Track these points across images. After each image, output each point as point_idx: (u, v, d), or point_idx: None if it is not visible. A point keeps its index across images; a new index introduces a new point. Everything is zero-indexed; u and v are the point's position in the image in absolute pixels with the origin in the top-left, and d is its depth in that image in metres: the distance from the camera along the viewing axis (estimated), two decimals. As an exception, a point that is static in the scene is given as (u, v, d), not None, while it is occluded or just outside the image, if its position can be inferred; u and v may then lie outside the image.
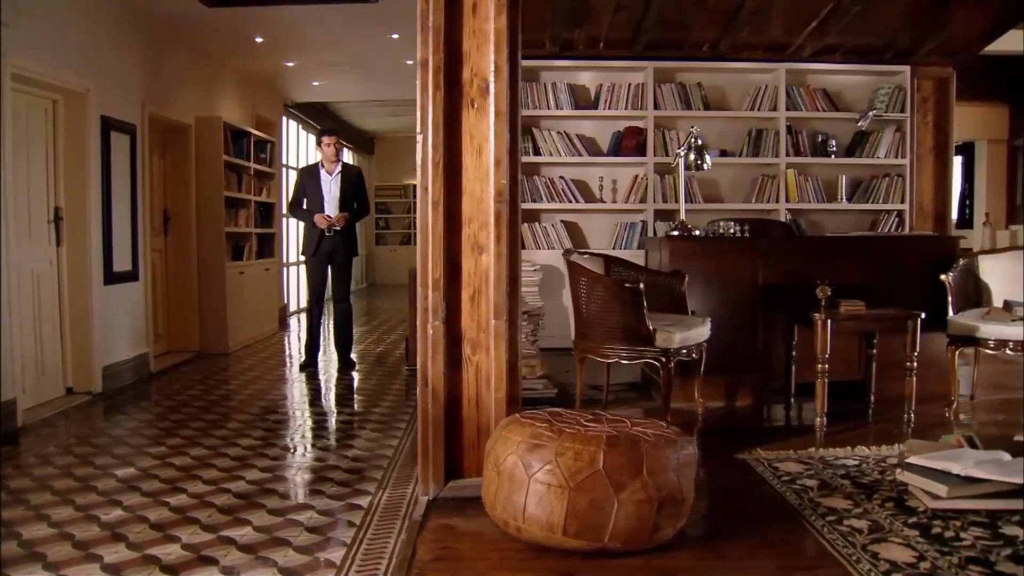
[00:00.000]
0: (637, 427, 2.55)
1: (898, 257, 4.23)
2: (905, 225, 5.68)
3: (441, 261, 2.70)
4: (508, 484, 2.38)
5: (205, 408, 4.69)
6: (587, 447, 2.32)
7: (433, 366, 2.72)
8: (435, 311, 2.71)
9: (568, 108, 5.60)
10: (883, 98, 5.67)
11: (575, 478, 2.29)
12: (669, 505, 2.35)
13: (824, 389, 3.53)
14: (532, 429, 2.43)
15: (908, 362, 3.60)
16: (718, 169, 5.81)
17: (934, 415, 3.88)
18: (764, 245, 4.10)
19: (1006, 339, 3.70)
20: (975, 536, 2.42)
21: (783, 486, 2.89)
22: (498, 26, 2.69)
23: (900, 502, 2.71)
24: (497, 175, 2.70)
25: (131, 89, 5.42)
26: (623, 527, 2.29)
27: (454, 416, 2.78)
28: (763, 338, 4.07)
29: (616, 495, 2.28)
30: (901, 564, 2.22)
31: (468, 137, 2.73)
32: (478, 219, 2.73)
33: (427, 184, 2.70)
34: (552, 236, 5.58)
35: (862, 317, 3.59)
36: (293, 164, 8.93)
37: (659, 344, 3.41)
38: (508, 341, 2.73)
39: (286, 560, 2.55)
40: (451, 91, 2.71)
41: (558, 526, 2.29)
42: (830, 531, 2.46)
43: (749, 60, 5.61)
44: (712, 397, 4.03)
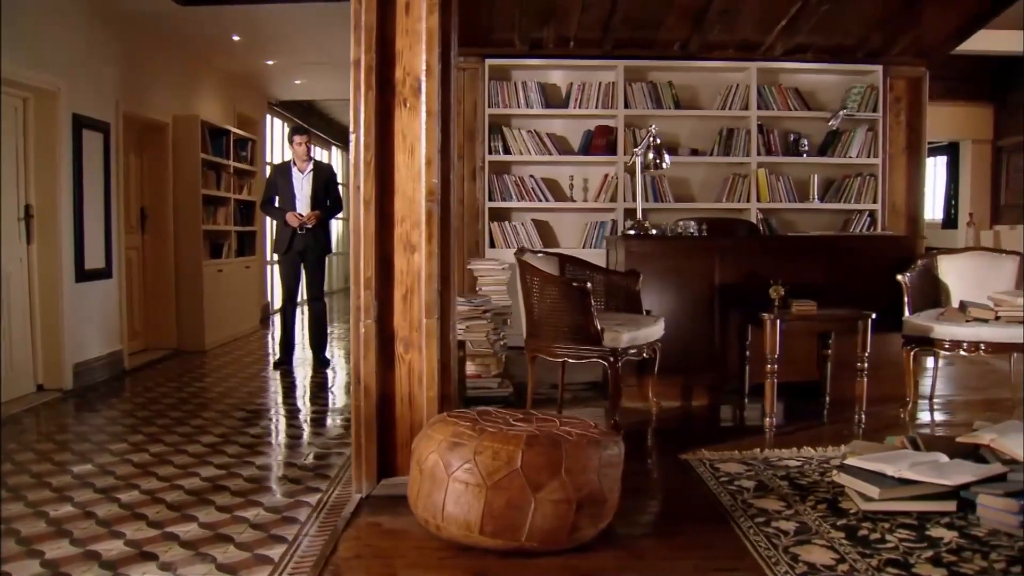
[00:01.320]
0: (564, 427, 2.55)
1: (858, 257, 4.21)
2: (877, 225, 5.65)
3: (373, 260, 2.71)
4: (429, 482, 2.39)
5: (173, 405, 4.71)
6: (506, 446, 2.32)
7: (365, 364, 2.73)
8: (367, 310, 2.72)
9: (538, 107, 5.59)
10: (855, 97, 5.64)
11: (492, 477, 2.29)
12: (589, 505, 2.35)
13: (773, 390, 3.52)
14: (454, 428, 2.44)
15: (859, 363, 3.58)
16: (689, 168, 5.80)
17: (889, 416, 3.86)
18: (721, 245, 4.09)
19: (960, 340, 3.68)
20: (900, 538, 2.41)
21: (720, 487, 2.88)
22: (430, 25, 2.69)
23: (834, 504, 2.70)
24: (428, 174, 2.71)
25: (105, 88, 5.44)
26: (540, 527, 2.29)
27: (388, 414, 2.79)
28: (719, 338, 4.06)
29: (534, 494, 2.28)
30: (820, 566, 2.21)
31: (401, 136, 2.73)
32: (410, 218, 2.73)
33: (359, 183, 2.71)
34: (522, 235, 5.58)
35: (813, 317, 3.58)
36: (278, 162, 8.95)
37: (607, 344, 3.41)
38: (440, 340, 2.74)
39: (225, 557, 2.56)
40: (384, 90, 2.72)
41: (475, 525, 2.29)
42: (756, 532, 2.46)
43: (720, 59, 5.59)
44: (668, 397, 4.03)
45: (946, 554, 2.29)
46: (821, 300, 3.89)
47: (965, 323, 3.71)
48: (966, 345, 3.69)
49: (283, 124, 9.09)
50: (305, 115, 9.54)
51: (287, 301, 5.77)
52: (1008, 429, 3.00)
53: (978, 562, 2.24)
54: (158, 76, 6.27)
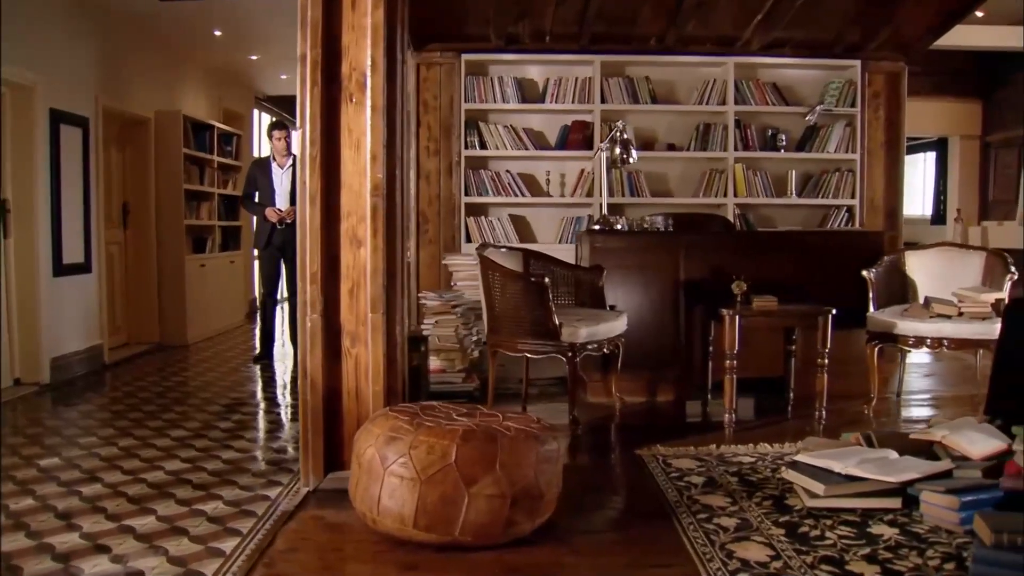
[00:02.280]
0: (506, 422, 2.55)
1: (826, 253, 4.20)
2: (855, 220, 5.62)
3: (319, 254, 2.72)
4: (366, 476, 2.40)
5: (147, 400, 4.74)
6: (441, 441, 2.33)
7: (311, 359, 2.75)
8: (313, 304, 2.73)
9: (515, 102, 5.58)
10: (833, 92, 5.61)
11: (427, 471, 2.29)
12: (525, 500, 2.35)
13: (732, 386, 3.51)
14: (393, 422, 2.44)
15: (819, 358, 3.57)
16: (667, 163, 5.78)
17: (853, 412, 3.85)
18: (686, 240, 4.08)
19: (923, 336, 3.67)
20: (840, 535, 2.40)
21: (668, 483, 2.88)
22: (375, 20, 2.69)
23: (780, 500, 2.69)
24: (373, 169, 2.71)
25: (83, 83, 5.46)
26: (474, 521, 2.29)
27: (335, 408, 2.80)
28: (685, 334, 4.05)
29: (467, 489, 2.29)
30: (753, 563, 2.21)
31: (347, 132, 2.74)
32: (356, 213, 2.74)
33: (305, 178, 2.72)
34: (498, 230, 5.58)
35: (773, 313, 3.56)
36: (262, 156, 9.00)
37: (565, 339, 3.41)
38: (386, 334, 2.75)
39: (178, 550, 2.58)
40: (330, 86, 2.72)
41: (409, 519, 2.30)
42: (695, 529, 2.46)
43: (697, 54, 5.56)
44: (633, 392, 4.02)
45: (883, 551, 2.28)
46: (788, 296, 3.87)
47: (928, 319, 3.69)
48: (929, 341, 3.67)
49: (271, 119, 9.12)
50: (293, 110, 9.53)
51: (267, 296, 5.78)
52: (960, 426, 2.99)
53: (913, 559, 2.23)
54: (140, 71, 6.29)
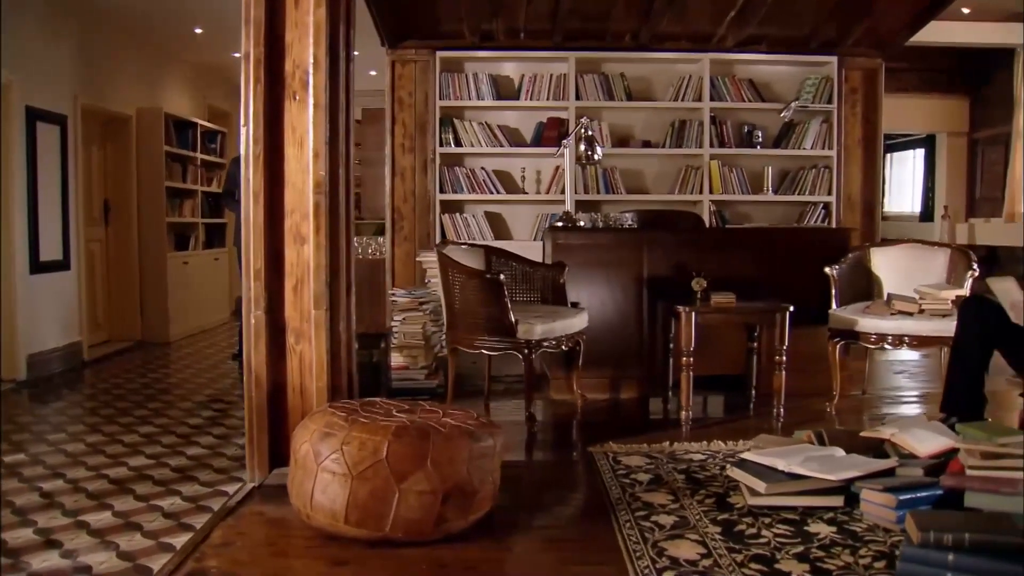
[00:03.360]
0: (445, 418, 2.56)
1: (792, 250, 4.18)
2: (832, 217, 5.60)
3: (262, 251, 2.73)
4: (301, 472, 2.41)
5: (121, 396, 4.77)
6: (373, 437, 2.34)
7: (256, 355, 2.76)
8: (257, 300, 2.75)
9: (490, 99, 5.58)
10: (810, 89, 5.58)
11: (358, 467, 2.30)
12: (457, 497, 2.36)
13: (689, 383, 3.50)
14: (329, 418, 2.45)
15: (777, 356, 3.56)
16: (643, 160, 5.77)
17: (815, 410, 3.84)
18: (649, 237, 4.07)
19: (884, 333, 3.65)
20: (776, 533, 2.39)
21: (614, 480, 2.88)
22: (317, 18, 2.70)
23: (723, 498, 2.69)
24: (316, 167, 2.72)
25: (61, 80, 5.49)
26: (405, 517, 2.30)
27: (281, 404, 2.81)
28: (648, 331, 4.04)
29: (398, 485, 2.30)
30: (682, 561, 2.20)
31: (290, 129, 2.75)
32: (300, 210, 2.75)
33: (249, 176, 2.73)
34: (473, 227, 5.58)
35: (731, 310, 3.55)
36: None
37: (521, 336, 3.41)
38: (329, 331, 2.76)
39: (129, 545, 2.60)
40: (274, 84, 2.73)
41: (340, 514, 2.31)
42: (632, 527, 2.45)
43: (673, 50, 5.54)
44: (595, 389, 4.02)
45: (816, 550, 2.27)
46: (751, 293, 3.87)
47: (889, 316, 3.68)
48: (890, 339, 3.65)
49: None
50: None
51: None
52: (910, 424, 2.98)
53: (845, 558, 2.23)
54: (121, 69, 6.32)
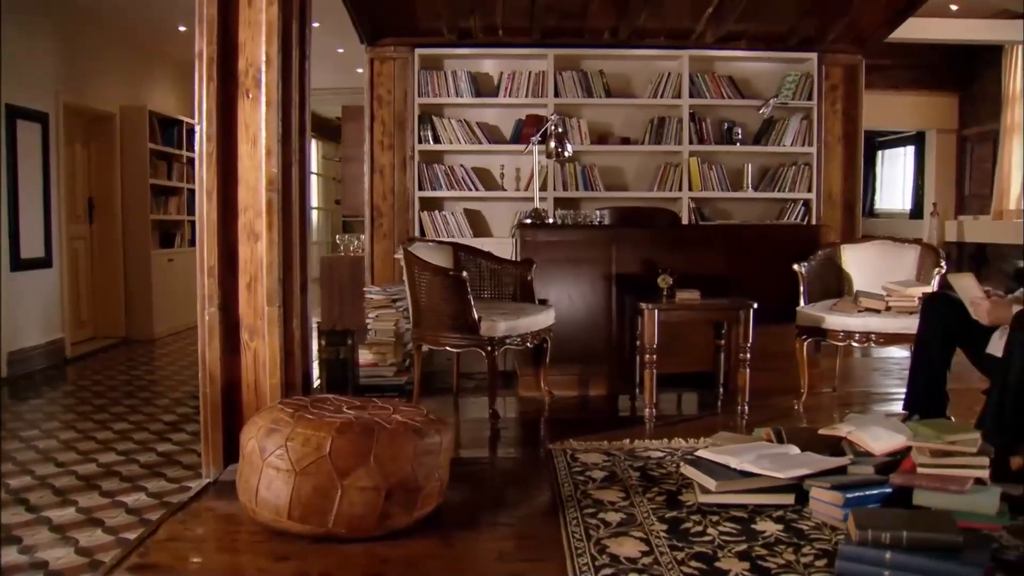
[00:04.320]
0: (395, 415, 2.57)
1: (763, 246, 4.17)
2: (812, 214, 5.58)
3: (216, 249, 2.74)
4: (248, 467, 2.43)
5: (100, 393, 4.81)
6: (317, 433, 2.35)
7: (210, 352, 2.77)
8: (211, 297, 2.76)
9: (469, 96, 5.57)
10: (790, 85, 5.56)
11: (301, 463, 2.32)
12: (400, 493, 2.36)
13: (652, 380, 3.50)
14: (275, 415, 2.47)
15: (741, 353, 3.55)
16: (622, 157, 5.76)
17: (783, 407, 3.83)
18: (619, 234, 4.07)
19: (851, 330, 3.64)
20: (721, 531, 2.39)
21: (568, 477, 2.88)
22: (269, 17, 2.71)
23: (674, 496, 2.68)
24: (268, 164, 2.73)
25: (42, 78, 5.52)
26: (348, 513, 2.31)
27: (235, 400, 2.83)
28: (617, 328, 4.04)
29: (340, 481, 2.31)
30: (623, 559, 2.20)
31: (244, 127, 2.76)
32: (253, 207, 2.76)
33: (202, 173, 2.74)
34: (452, 224, 5.58)
35: (695, 307, 3.55)
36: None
37: (484, 333, 3.42)
38: (282, 328, 2.77)
39: (89, 540, 2.63)
40: (227, 82, 2.74)
41: (284, 510, 2.32)
42: (578, 524, 2.45)
43: (652, 47, 5.53)
44: (564, 386, 4.02)
45: (759, 548, 2.27)
46: (722, 290, 3.87)
47: (856, 313, 3.67)
48: (858, 336, 3.64)
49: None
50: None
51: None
52: (868, 422, 2.97)
53: (787, 556, 2.22)
54: (104, 67, 6.34)
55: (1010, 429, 2.83)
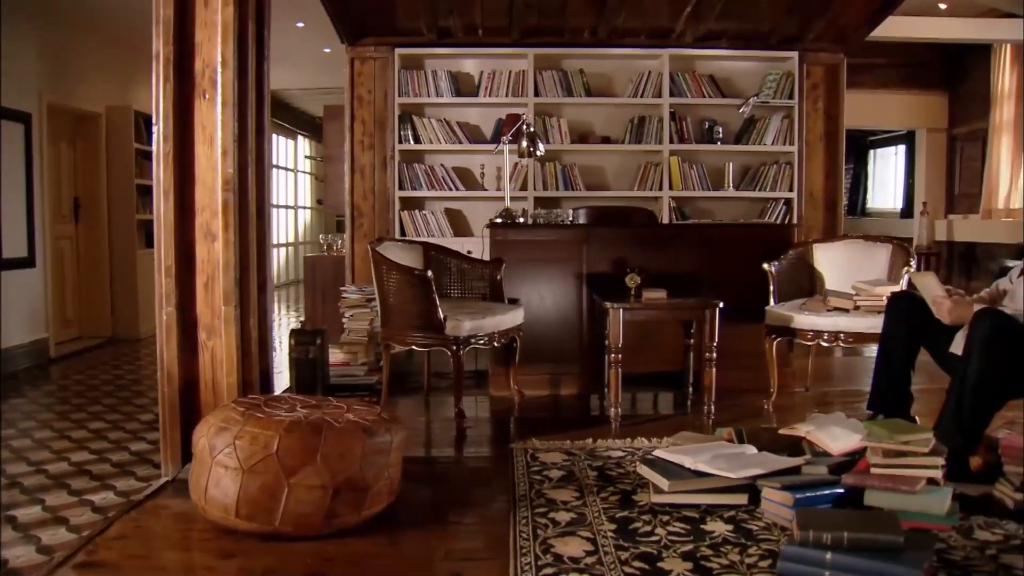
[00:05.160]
0: (347, 414, 2.58)
1: (736, 245, 4.16)
2: (793, 213, 5.56)
3: (173, 248, 2.76)
4: (199, 466, 2.44)
5: (81, 392, 4.83)
6: (265, 432, 2.36)
7: (167, 351, 2.79)
8: (168, 297, 2.78)
9: (449, 95, 5.58)
10: (771, 84, 5.54)
11: (248, 461, 2.33)
12: (348, 492, 2.38)
13: (618, 380, 3.49)
14: (227, 413, 2.48)
15: (707, 352, 3.55)
16: (603, 156, 5.76)
17: (753, 406, 3.83)
18: (590, 233, 4.06)
19: (820, 330, 3.63)
20: (670, 531, 2.39)
21: (525, 476, 2.88)
22: (225, 17, 2.72)
23: (628, 495, 2.68)
24: (224, 164, 2.74)
25: (25, 78, 5.54)
26: (294, 511, 2.32)
27: (194, 399, 2.85)
28: (588, 327, 4.04)
29: (287, 479, 2.32)
30: (566, 559, 2.20)
31: (200, 127, 2.77)
32: (210, 207, 2.78)
33: (159, 174, 2.76)
34: (432, 224, 5.59)
35: (660, 306, 3.55)
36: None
37: (449, 332, 3.43)
38: (239, 327, 2.79)
39: (52, 539, 2.64)
40: (184, 82, 2.76)
41: (231, 508, 2.34)
42: (527, 523, 2.45)
43: (632, 46, 5.52)
44: (535, 386, 4.03)
45: (705, 548, 2.26)
46: (694, 289, 3.87)
47: (825, 313, 3.66)
48: (826, 335, 3.63)
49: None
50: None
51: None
52: (828, 422, 2.96)
53: (732, 556, 2.22)
54: (89, 66, 6.36)
55: (969, 429, 2.83)
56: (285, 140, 11.32)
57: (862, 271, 3.90)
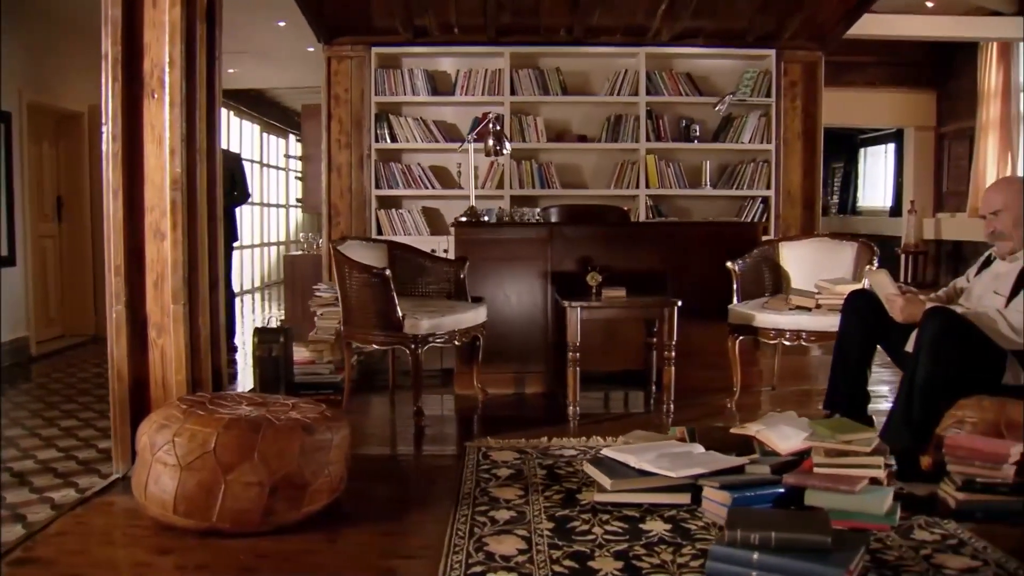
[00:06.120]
0: (294, 411, 2.60)
1: (703, 244, 4.16)
2: (771, 211, 5.55)
3: (122, 247, 2.78)
4: (140, 463, 2.47)
5: (57, 390, 4.86)
6: (203, 429, 2.38)
7: (117, 349, 2.82)
8: (118, 295, 2.81)
9: (426, 94, 5.59)
10: (748, 82, 5.53)
11: (187, 458, 2.35)
12: (286, 489, 2.39)
13: (575, 378, 3.50)
14: (170, 411, 2.51)
15: (665, 351, 3.54)
16: (580, 155, 5.76)
17: (717, 405, 3.83)
18: (554, 232, 4.06)
19: (782, 328, 3.62)
20: (607, 530, 2.39)
21: (473, 475, 2.89)
22: (172, 18, 2.74)
23: (573, 494, 2.68)
24: (172, 164, 2.76)
25: (6, 78, 5.55)
26: (231, 508, 2.34)
27: (144, 397, 2.87)
28: (553, 326, 4.05)
29: (224, 476, 2.34)
30: (497, 557, 2.20)
31: (150, 127, 2.79)
32: (159, 207, 2.80)
33: (108, 173, 2.78)
34: (409, 222, 5.60)
35: (619, 305, 3.55)
36: (228, 149, 9.12)
37: (407, 330, 3.44)
38: (188, 325, 2.81)
39: (8, 536, 2.64)
40: (133, 82, 2.78)
41: (169, 504, 2.36)
42: (465, 521, 2.46)
43: (609, 44, 5.52)
44: (500, 384, 4.04)
45: (639, 547, 2.26)
46: (659, 287, 3.86)
47: (787, 311, 3.65)
48: (788, 334, 3.63)
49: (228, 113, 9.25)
50: (255, 103, 9.69)
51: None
52: (778, 420, 2.96)
53: (664, 556, 2.22)
54: (71, 66, 6.38)
55: (918, 428, 2.82)
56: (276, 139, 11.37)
57: (828, 270, 3.89)
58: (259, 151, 10.88)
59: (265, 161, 11.19)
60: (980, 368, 2.83)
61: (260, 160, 10.96)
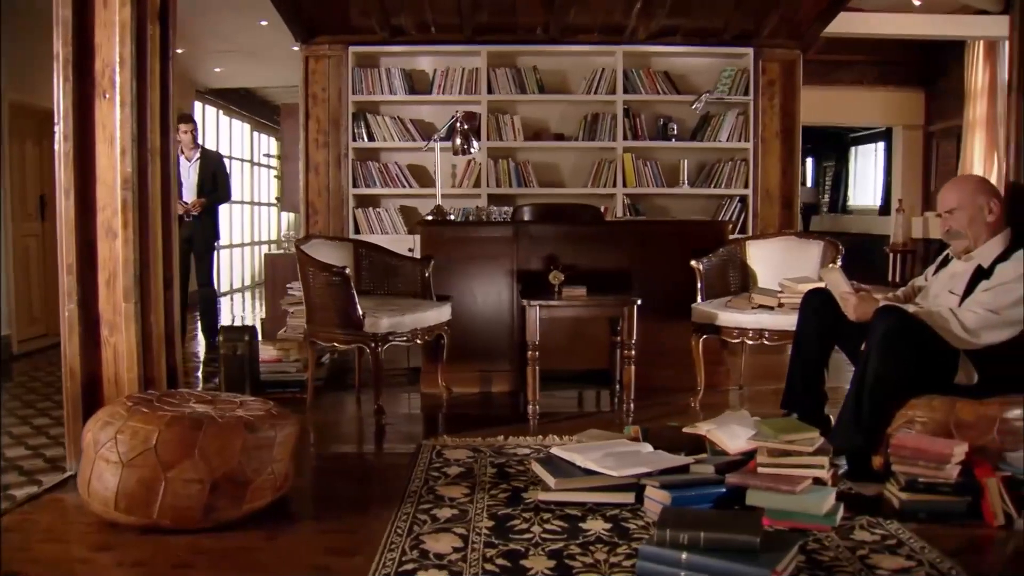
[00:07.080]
0: (240, 409, 2.62)
1: (670, 242, 4.15)
2: (749, 209, 5.53)
3: (75, 246, 2.81)
4: (85, 460, 2.49)
5: (34, 388, 4.89)
6: (145, 426, 2.40)
7: (70, 347, 2.84)
8: (70, 294, 2.83)
9: (403, 93, 5.60)
10: (725, 80, 5.51)
11: (128, 455, 2.37)
12: (227, 486, 2.41)
13: (535, 377, 3.51)
14: (115, 409, 2.53)
15: (626, 350, 3.55)
16: (558, 154, 5.76)
17: (680, 404, 3.83)
18: (520, 230, 4.07)
19: (745, 327, 3.61)
20: (546, 529, 2.39)
21: (423, 472, 2.90)
22: (123, 18, 2.76)
23: (519, 493, 2.68)
24: (123, 163, 2.78)
25: (-13, 77, 5.63)
26: (172, 504, 2.36)
27: (97, 395, 2.89)
28: (519, 325, 4.05)
29: (164, 473, 2.36)
30: (431, 555, 2.21)
31: (101, 127, 2.81)
32: (111, 206, 2.82)
33: (60, 173, 2.80)
34: (386, 221, 5.62)
35: (578, 304, 3.55)
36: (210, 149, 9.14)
37: (367, 329, 3.45)
38: (140, 324, 2.83)
39: None
40: (84, 82, 2.80)
41: (111, 501, 2.38)
42: (406, 519, 2.47)
43: (586, 43, 5.52)
44: (466, 383, 4.05)
45: (575, 546, 2.26)
46: (624, 286, 3.86)
47: (749, 310, 3.64)
48: (751, 333, 3.62)
49: (217, 111, 9.28)
50: (243, 102, 9.71)
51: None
52: (729, 420, 2.96)
53: (598, 555, 2.22)
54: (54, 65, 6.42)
55: (868, 428, 2.81)
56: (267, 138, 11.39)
57: (793, 268, 3.88)
58: (249, 150, 10.90)
59: (256, 160, 11.21)
60: (932, 367, 2.81)
61: (251, 159, 10.99)
